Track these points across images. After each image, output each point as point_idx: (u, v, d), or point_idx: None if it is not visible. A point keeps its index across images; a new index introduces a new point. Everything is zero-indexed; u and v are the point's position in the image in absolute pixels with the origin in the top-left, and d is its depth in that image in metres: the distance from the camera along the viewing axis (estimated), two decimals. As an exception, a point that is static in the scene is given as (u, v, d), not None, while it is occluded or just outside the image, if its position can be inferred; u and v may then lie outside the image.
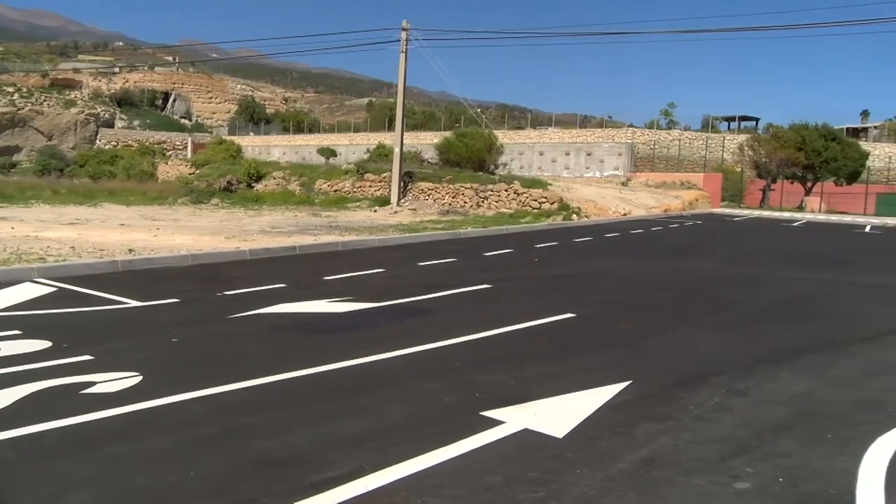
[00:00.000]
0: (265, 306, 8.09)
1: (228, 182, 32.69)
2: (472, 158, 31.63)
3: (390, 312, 8.13)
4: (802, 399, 5.25)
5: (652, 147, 53.71)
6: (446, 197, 27.72)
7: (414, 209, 26.33)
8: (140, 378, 5.25)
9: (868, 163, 42.65)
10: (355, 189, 30.50)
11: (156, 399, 4.77)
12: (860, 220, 32.82)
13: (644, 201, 32.69)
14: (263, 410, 4.69)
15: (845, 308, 9.50)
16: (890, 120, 74.89)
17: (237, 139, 61.37)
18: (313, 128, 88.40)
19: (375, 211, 25.97)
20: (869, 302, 10.05)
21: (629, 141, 52.25)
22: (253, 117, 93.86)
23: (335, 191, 30.85)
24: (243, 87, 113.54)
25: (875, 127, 69.95)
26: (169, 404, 4.72)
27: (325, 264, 11.99)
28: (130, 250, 12.26)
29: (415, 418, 4.61)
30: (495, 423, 4.47)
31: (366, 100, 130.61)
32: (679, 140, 54.93)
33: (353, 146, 61.03)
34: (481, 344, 6.71)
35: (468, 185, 27.55)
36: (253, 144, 71.10)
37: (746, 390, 5.40)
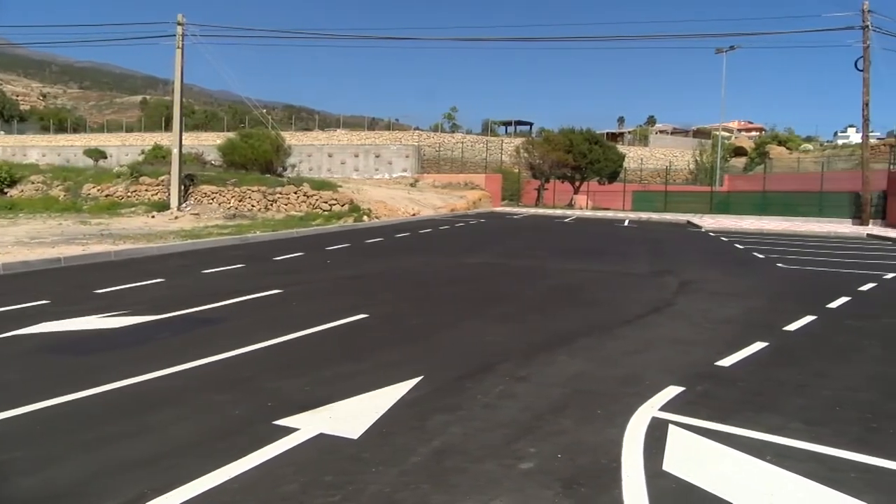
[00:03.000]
0: (24, 326, 7.22)
1: (-26, 188, 28.77)
2: (258, 160, 30.67)
3: (173, 325, 7.63)
4: (576, 380, 5.74)
5: (437, 149, 55.82)
6: (232, 200, 26.64)
7: (197, 214, 24.98)
8: None
9: (625, 164, 47.86)
10: (130, 193, 28.28)
11: None
12: (620, 215, 36.64)
13: (432, 201, 33.84)
14: (25, 444, 4.17)
15: (610, 295, 10.54)
16: (640, 126, 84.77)
17: (-16, 139, 54.28)
18: (78, 127, 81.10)
19: (153, 217, 24.26)
20: (629, 288, 11.23)
21: (416, 143, 53.81)
22: (3, 114, 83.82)
23: (106, 196, 28.36)
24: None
25: (629, 132, 78.59)
26: None
27: (96, 276, 10.97)
28: None
29: (203, 434, 4.36)
30: (289, 430, 4.37)
31: (139, 97, 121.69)
32: (462, 143, 57.64)
33: (125, 147, 56.83)
34: (273, 351, 6.53)
35: (256, 188, 26.73)
36: (5, 145, 63.85)
37: (528, 376, 5.79)
